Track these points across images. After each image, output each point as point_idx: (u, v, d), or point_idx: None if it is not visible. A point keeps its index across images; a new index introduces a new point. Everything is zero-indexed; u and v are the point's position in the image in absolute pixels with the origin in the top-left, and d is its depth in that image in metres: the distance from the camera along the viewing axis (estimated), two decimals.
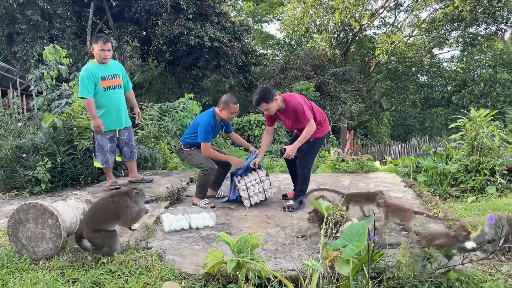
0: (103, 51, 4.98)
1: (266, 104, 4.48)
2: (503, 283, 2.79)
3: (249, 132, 12.78)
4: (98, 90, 5.01)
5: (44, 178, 5.20)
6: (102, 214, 3.26)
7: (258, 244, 3.04)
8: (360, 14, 26.45)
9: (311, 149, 4.74)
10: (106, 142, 5.17)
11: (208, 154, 4.72)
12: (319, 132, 4.71)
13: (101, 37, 5.04)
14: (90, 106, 4.94)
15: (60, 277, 2.96)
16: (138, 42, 21.72)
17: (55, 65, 8.60)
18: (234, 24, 19.86)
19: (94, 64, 5.06)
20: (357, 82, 22.55)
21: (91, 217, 3.25)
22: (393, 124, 30.74)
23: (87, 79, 4.91)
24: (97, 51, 5.00)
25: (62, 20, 16.85)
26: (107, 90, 5.08)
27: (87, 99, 4.94)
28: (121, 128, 5.31)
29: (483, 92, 20.57)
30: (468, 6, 20.96)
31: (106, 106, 5.11)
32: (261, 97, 4.47)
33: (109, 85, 5.09)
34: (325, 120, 4.85)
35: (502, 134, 5.93)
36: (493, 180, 5.67)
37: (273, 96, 4.48)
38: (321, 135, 4.76)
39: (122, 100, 5.33)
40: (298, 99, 4.56)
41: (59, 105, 7.55)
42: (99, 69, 5.02)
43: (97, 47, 4.98)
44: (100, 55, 5.00)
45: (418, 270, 2.82)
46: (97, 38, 5.04)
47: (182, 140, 4.95)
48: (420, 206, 4.59)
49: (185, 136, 4.92)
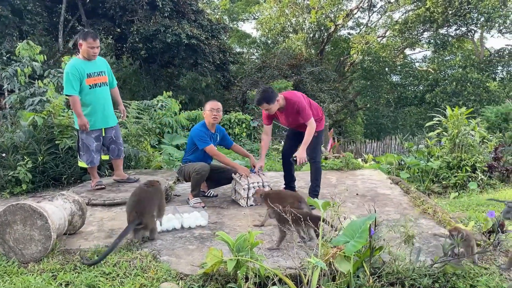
0: (93, 48, 4.76)
1: (267, 104, 4.47)
2: (498, 276, 2.86)
3: (230, 131, 12.72)
4: (84, 87, 4.79)
5: (25, 179, 5.01)
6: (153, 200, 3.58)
7: (257, 243, 3.01)
8: (335, 14, 26.74)
9: (317, 143, 4.81)
10: (91, 142, 4.96)
11: (217, 155, 4.76)
12: (320, 125, 4.78)
13: (90, 33, 4.80)
14: (75, 104, 4.71)
15: (52, 280, 2.85)
16: (112, 39, 21.26)
17: (29, 62, 8.32)
18: (212, 22, 19.72)
19: (79, 60, 4.81)
20: (333, 81, 22.81)
21: (148, 204, 3.51)
22: (366, 123, 31.22)
23: (72, 76, 4.67)
24: (85, 48, 4.75)
25: (32, 16, 16.31)
26: (92, 87, 4.86)
27: (72, 97, 4.71)
28: (107, 127, 5.12)
29: (454, 91, 21.14)
30: (440, 7, 21.50)
31: (92, 104, 4.89)
32: (263, 98, 4.45)
33: (94, 82, 4.87)
34: (322, 114, 4.92)
35: (482, 132, 6.10)
36: (474, 176, 5.83)
37: (275, 97, 4.47)
38: (321, 128, 4.83)
39: (108, 97, 5.12)
40: (299, 97, 4.58)
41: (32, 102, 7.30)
42: (85, 65, 4.80)
43: (86, 43, 4.73)
44: (89, 52, 4.77)
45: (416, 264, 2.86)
46: (85, 34, 4.80)
47: (182, 161, 5.05)
48: (409, 203, 4.66)
49: (184, 155, 5.05)
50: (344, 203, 4.02)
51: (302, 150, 4.55)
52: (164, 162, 7.14)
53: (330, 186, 5.46)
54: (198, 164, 4.64)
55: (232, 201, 4.88)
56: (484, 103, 19.43)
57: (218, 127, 4.98)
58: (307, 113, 4.49)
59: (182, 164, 4.96)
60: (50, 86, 7.86)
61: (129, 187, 5.10)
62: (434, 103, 21.18)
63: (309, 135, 4.51)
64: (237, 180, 4.71)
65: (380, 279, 2.77)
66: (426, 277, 2.78)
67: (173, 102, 10.84)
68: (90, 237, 3.65)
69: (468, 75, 21.35)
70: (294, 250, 3.06)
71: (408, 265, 2.83)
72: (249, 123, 13.24)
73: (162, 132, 10.04)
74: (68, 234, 3.65)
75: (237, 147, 5.21)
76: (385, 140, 16.66)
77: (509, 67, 24.28)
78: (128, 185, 5.16)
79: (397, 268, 2.82)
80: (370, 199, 4.84)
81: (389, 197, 4.93)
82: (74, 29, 19.76)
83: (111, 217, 4.25)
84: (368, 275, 2.71)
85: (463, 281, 2.81)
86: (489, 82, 22.76)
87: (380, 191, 5.23)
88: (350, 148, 15.72)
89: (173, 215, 4.01)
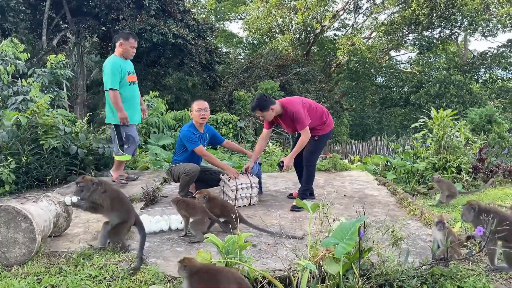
0: (133, 48, 5.12)
1: (260, 112, 4.55)
2: (485, 277, 2.89)
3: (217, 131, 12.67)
4: (125, 83, 5.06)
5: (8, 179, 4.90)
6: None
7: (246, 245, 3.00)
8: (321, 15, 26.87)
9: (317, 147, 4.78)
10: (136, 133, 5.28)
11: (206, 156, 4.75)
12: (323, 129, 4.75)
13: (131, 34, 5.16)
14: (117, 98, 4.95)
15: (37, 283, 2.79)
16: (97, 37, 21.00)
17: (12, 60, 8.16)
18: (198, 22, 19.63)
19: (119, 58, 5.10)
20: (319, 82, 22.91)
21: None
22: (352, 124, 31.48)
23: (116, 71, 4.94)
24: (126, 47, 5.07)
25: (15, 14, 16.05)
26: (131, 84, 5.18)
27: (114, 91, 4.95)
28: (138, 122, 5.48)
29: (438, 93, 21.44)
30: (425, 10, 21.77)
31: (131, 100, 5.19)
32: (257, 105, 4.55)
33: (132, 80, 5.20)
34: (328, 117, 4.84)
35: (467, 133, 6.19)
36: (459, 177, 5.90)
37: (269, 105, 4.51)
38: (324, 132, 4.78)
39: (139, 95, 5.49)
40: (296, 105, 4.56)
41: (15, 101, 7.16)
42: (125, 64, 5.11)
43: (128, 43, 5.07)
44: (129, 51, 5.11)
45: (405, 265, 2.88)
46: (127, 34, 5.13)
47: (171, 161, 5.03)
48: (396, 204, 4.69)
49: (173, 156, 5.04)
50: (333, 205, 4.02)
51: (291, 156, 4.63)
52: (151, 162, 7.07)
53: (318, 187, 5.47)
54: (189, 165, 4.63)
55: None
56: (467, 105, 19.77)
57: (207, 126, 4.98)
58: (302, 123, 4.50)
59: (172, 164, 4.93)
60: (34, 85, 7.73)
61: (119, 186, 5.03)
62: (418, 105, 21.46)
63: (299, 145, 4.58)
64: (225, 181, 4.69)
65: (369, 280, 2.77)
66: (414, 279, 2.80)
67: (160, 102, 10.77)
68: (75, 239, 3.58)
69: (451, 77, 21.69)
70: (283, 252, 3.05)
71: (397, 267, 2.84)
72: (235, 123, 13.20)
73: (148, 132, 9.94)
74: (53, 236, 3.58)
75: (230, 143, 5.18)
76: (371, 141, 16.82)
77: (491, 69, 24.73)
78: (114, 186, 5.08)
79: (386, 270, 2.82)
80: (358, 200, 4.87)
81: (377, 198, 4.96)
82: (58, 27, 19.47)
83: (97, 218, 4.17)
84: (357, 277, 2.71)
85: (451, 282, 2.84)
86: (472, 84, 23.17)
87: (367, 192, 5.26)
88: (336, 148, 15.81)
89: (161, 217, 3.97)
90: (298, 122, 4.51)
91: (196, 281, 2.42)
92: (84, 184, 3.29)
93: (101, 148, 6.09)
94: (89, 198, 3.27)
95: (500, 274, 2.96)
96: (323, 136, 4.78)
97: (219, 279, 2.43)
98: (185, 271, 2.44)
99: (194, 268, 2.45)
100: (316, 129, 4.71)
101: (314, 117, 4.66)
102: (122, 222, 3.32)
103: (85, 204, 3.28)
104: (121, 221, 3.32)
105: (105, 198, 3.29)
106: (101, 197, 3.28)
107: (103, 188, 3.32)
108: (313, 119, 4.64)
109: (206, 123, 5.01)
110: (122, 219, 3.33)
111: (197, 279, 2.42)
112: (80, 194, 3.29)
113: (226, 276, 2.45)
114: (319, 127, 4.71)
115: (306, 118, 4.54)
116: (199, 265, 2.52)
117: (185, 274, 2.45)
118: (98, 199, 3.27)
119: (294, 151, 4.61)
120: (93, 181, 3.32)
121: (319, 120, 4.70)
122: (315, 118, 4.67)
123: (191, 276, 2.43)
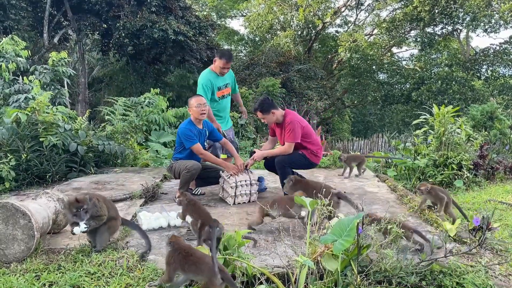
0: (223, 69, 5.29)
1: (261, 113, 4.62)
2: (484, 274, 2.88)
3: None
4: (215, 98, 5.37)
5: (8, 176, 4.91)
6: None
7: (244, 242, 3.00)
8: (323, 12, 26.78)
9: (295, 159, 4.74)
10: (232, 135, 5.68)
11: (203, 154, 4.73)
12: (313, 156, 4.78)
13: (226, 55, 5.25)
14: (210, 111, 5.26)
15: (35, 280, 2.79)
16: (98, 35, 20.97)
17: (13, 57, 8.16)
18: (199, 19, 19.57)
19: (212, 74, 5.34)
20: (321, 79, 22.85)
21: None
22: (353, 121, 31.45)
23: (206, 87, 5.22)
24: (218, 65, 5.25)
25: (17, 11, 16.03)
26: (221, 99, 5.49)
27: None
28: (226, 129, 5.65)
29: (440, 89, 21.35)
30: (426, 6, 21.68)
31: (219, 113, 5.54)
32: (257, 107, 4.63)
33: (222, 94, 5.49)
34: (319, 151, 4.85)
35: (468, 130, 6.16)
36: (460, 174, 5.88)
37: (270, 108, 4.55)
38: (312, 160, 4.80)
39: (229, 105, 5.83)
40: (295, 119, 4.61)
41: (17, 99, 7.17)
42: (216, 80, 5.35)
43: (220, 62, 5.21)
44: (220, 70, 5.30)
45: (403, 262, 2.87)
46: (222, 53, 5.28)
47: (172, 158, 5.03)
48: (396, 201, 4.68)
49: (174, 153, 5.03)
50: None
51: (261, 154, 4.76)
52: (151, 159, 7.07)
53: None
54: (190, 162, 4.61)
55: (220, 199, 4.85)
56: (469, 101, 19.69)
57: (206, 122, 4.95)
58: (291, 135, 4.54)
59: (172, 161, 4.92)
60: (35, 82, 7.74)
61: (115, 185, 5.04)
62: (420, 101, 21.39)
63: (279, 151, 4.66)
64: (225, 178, 4.68)
65: (368, 277, 2.77)
66: (413, 275, 2.78)
67: (161, 99, 10.76)
68: (74, 236, 3.58)
69: (453, 73, 21.60)
70: (282, 249, 3.04)
71: (395, 263, 2.83)
72: (236, 120, 13.19)
73: (149, 129, 9.94)
74: (52, 233, 3.59)
75: (228, 144, 5.15)
76: (372, 138, 16.80)
77: (493, 66, 24.63)
78: (114, 183, 5.10)
79: (385, 266, 2.81)
80: (358, 197, 4.85)
81: (377, 195, 4.95)
82: (60, 24, 19.47)
83: None
84: (356, 273, 2.70)
85: (450, 279, 2.83)
86: (474, 81, 23.08)
87: (367, 189, 5.24)
88: (337, 145, 15.80)
89: (160, 214, 3.96)
90: (289, 133, 4.55)
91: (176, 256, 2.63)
92: (82, 205, 3.09)
93: (101, 145, 6.08)
94: (92, 215, 3.16)
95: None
96: (309, 160, 4.77)
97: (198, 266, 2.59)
98: (170, 246, 2.69)
99: (177, 246, 2.66)
100: (309, 150, 4.75)
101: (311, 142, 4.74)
102: (115, 218, 3.38)
103: (93, 222, 3.18)
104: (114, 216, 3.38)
105: (101, 205, 3.25)
106: (99, 207, 3.22)
107: (95, 197, 3.25)
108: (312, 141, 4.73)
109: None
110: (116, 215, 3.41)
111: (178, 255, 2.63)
112: (84, 218, 3.11)
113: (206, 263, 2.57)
114: (312, 152, 4.75)
115: (298, 134, 4.58)
116: (183, 245, 2.71)
117: (169, 248, 2.70)
118: (100, 211, 3.21)
119: (270, 152, 4.74)
120: (87, 198, 3.14)
121: (314, 147, 4.75)
122: (311, 143, 4.74)
123: (173, 251, 2.65)
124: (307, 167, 4.95)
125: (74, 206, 3.08)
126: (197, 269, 2.56)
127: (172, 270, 2.63)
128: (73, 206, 3.08)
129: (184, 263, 2.59)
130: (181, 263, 2.59)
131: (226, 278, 2.50)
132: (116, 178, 5.58)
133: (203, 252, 2.72)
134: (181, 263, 2.59)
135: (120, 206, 4.41)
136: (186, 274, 2.64)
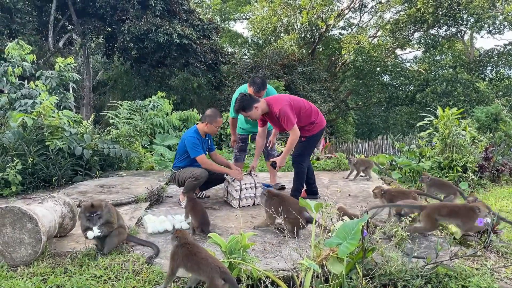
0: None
1: (244, 112, 4.48)
2: (489, 277, 2.87)
3: (221, 131, 12.68)
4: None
5: (14, 180, 4.94)
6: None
7: (249, 245, 3.01)
8: (326, 14, 26.79)
9: (304, 149, 4.70)
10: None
11: (208, 165, 4.67)
12: (311, 130, 4.66)
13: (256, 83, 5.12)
14: (234, 124, 5.70)
15: (42, 283, 2.82)
16: (103, 38, 21.10)
17: (19, 62, 8.21)
18: (203, 22, 19.64)
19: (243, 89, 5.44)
20: (325, 81, 22.84)
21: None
22: (357, 123, 31.36)
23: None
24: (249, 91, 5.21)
25: (22, 15, 16.14)
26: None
27: (232, 119, 5.65)
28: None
29: (445, 91, 21.28)
30: (430, 8, 21.64)
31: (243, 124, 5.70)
32: (239, 106, 4.48)
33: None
34: (318, 117, 4.71)
35: (473, 132, 6.14)
36: (465, 176, 5.86)
37: (252, 104, 4.42)
38: (313, 133, 4.68)
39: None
40: (282, 105, 4.43)
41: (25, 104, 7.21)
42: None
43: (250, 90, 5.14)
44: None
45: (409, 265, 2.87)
46: (253, 82, 5.15)
47: (173, 167, 4.95)
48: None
49: (175, 161, 4.94)
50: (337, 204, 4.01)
51: (282, 158, 4.59)
52: (156, 162, 7.10)
53: (323, 187, 5.46)
54: (198, 169, 4.58)
55: (224, 202, 4.87)
56: (473, 103, 19.61)
57: None
58: (288, 122, 4.39)
59: (174, 170, 4.87)
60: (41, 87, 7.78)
61: (120, 188, 5.06)
62: (424, 103, 21.32)
63: (290, 143, 4.48)
64: (230, 181, 4.70)
65: (373, 280, 2.77)
66: (418, 278, 2.79)
67: (165, 102, 10.81)
68: (81, 240, 3.60)
69: (458, 75, 21.51)
70: (286, 252, 3.05)
71: (401, 266, 2.83)
72: None
73: (154, 132, 9.98)
74: (58, 236, 3.61)
75: (218, 155, 5.14)
76: (377, 140, 16.77)
77: (498, 67, 24.53)
78: (119, 187, 5.12)
79: (390, 270, 2.82)
80: (362, 199, 4.85)
81: None
82: (65, 28, 19.58)
83: None
84: (361, 276, 2.70)
85: (455, 282, 2.83)
86: (479, 82, 22.97)
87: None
88: (341, 148, 15.78)
89: (165, 217, 3.98)
90: (285, 122, 4.40)
91: (181, 252, 2.67)
92: (97, 211, 3.20)
93: (106, 148, 6.10)
94: (105, 221, 3.25)
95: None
96: (311, 137, 4.68)
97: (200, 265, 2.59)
98: (176, 241, 2.74)
99: (183, 241, 2.72)
100: (304, 129, 4.60)
101: (302, 117, 4.55)
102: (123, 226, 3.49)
103: (105, 228, 3.24)
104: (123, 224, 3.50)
105: (112, 210, 3.33)
106: (110, 213, 3.31)
107: (105, 204, 3.34)
108: (301, 119, 4.54)
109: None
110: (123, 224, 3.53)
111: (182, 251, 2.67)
112: (97, 223, 3.20)
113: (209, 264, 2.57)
114: (307, 127, 4.60)
115: (293, 117, 4.41)
116: (189, 241, 2.74)
117: (174, 243, 2.75)
118: (111, 217, 3.29)
119: (285, 151, 4.52)
120: (102, 204, 3.26)
121: (307, 120, 4.58)
122: (303, 118, 4.56)
123: (178, 247, 2.70)
124: (316, 141, 4.86)
125: (89, 211, 3.18)
126: (199, 269, 2.57)
127: (176, 266, 2.67)
128: (88, 211, 3.18)
129: (187, 261, 2.62)
130: (184, 260, 2.63)
131: (229, 280, 2.51)
132: (121, 182, 5.60)
133: (208, 252, 2.73)
134: (184, 260, 2.63)
135: (125, 209, 4.44)
136: (188, 272, 2.67)
